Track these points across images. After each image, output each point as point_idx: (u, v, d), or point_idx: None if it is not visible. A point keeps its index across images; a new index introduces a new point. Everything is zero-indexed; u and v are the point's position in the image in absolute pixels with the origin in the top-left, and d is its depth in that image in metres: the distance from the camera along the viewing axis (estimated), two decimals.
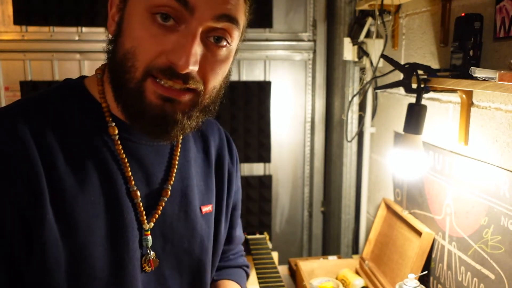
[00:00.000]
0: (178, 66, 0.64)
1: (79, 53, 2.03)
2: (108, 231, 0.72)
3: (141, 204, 0.76)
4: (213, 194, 0.90)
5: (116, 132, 0.74)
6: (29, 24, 1.97)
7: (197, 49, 0.65)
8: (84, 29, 2.02)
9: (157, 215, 0.79)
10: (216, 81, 0.71)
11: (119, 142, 0.74)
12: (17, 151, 0.64)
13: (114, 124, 0.74)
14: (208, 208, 0.88)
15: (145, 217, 0.77)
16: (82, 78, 0.79)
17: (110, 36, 0.71)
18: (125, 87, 0.68)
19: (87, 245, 0.69)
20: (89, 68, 2.05)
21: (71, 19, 1.98)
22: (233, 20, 0.67)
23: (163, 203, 0.80)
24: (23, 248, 0.66)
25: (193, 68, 0.65)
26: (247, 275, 1.10)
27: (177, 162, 0.83)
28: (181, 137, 0.83)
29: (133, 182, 0.75)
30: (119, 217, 0.73)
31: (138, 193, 0.76)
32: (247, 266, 1.11)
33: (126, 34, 0.67)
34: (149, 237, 0.78)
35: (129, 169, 0.75)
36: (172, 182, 0.81)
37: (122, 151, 0.74)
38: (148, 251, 0.78)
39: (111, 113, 0.75)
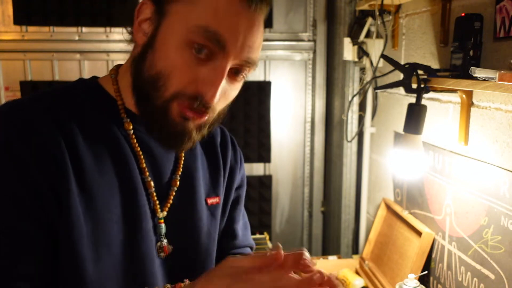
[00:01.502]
0: (206, 98, 0.72)
1: (79, 53, 2.03)
2: (123, 211, 0.77)
3: (154, 194, 0.82)
4: (221, 187, 0.95)
5: (131, 127, 0.80)
6: (29, 24, 1.97)
7: (224, 84, 0.74)
8: (84, 29, 2.02)
9: (169, 204, 0.84)
10: (225, 104, 0.80)
11: (133, 136, 0.80)
12: (43, 133, 0.71)
13: (129, 120, 0.80)
14: (214, 200, 0.93)
15: (158, 206, 0.83)
16: (95, 78, 0.85)
17: (138, 46, 0.75)
18: (151, 103, 0.74)
19: (105, 221, 0.74)
20: (89, 68, 2.05)
21: (71, 19, 1.98)
22: (254, 61, 0.76)
23: (173, 193, 0.85)
24: (56, 217, 0.71)
25: (218, 100, 0.74)
26: None
27: (183, 154, 0.88)
28: None
29: (147, 173, 0.81)
30: (134, 201, 0.79)
31: (152, 183, 0.82)
32: None
33: (160, 55, 0.73)
34: (163, 225, 0.83)
35: (143, 160, 0.80)
36: (180, 173, 0.87)
37: (137, 145, 0.80)
38: (162, 238, 0.83)
39: (126, 109, 0.80)
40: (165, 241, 0.83)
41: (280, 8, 2.13)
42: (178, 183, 0.86)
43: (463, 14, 1.11)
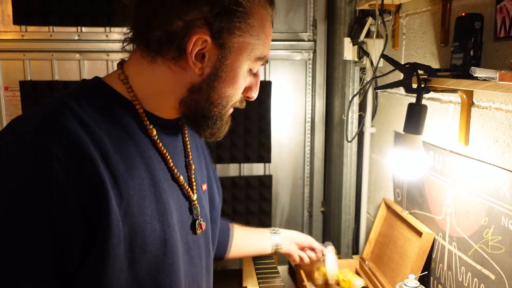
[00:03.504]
0: (251, 99, 0.92)
1: (78, 53, 2.03)
2: (154, 212, 0.83)
3: (185, 184, 0.92)
4: (205, 174, 1.07)
5: (155, 133, 0.86)
6: (29, 24, 1.97)
7: None
8: (84, 29, 2.01)
9: (195, 186, 0.96)
10: None
11: (158, 141, 0.87)
12: (77, 148, 0.73)
13: (152, 126, 0.86)
14: (205, 186, 1.04)
15: (190, 192, 0.94)
16: (100, 79, 0.87)
17: (197, 72, 0.82)
18: (210, 119, 0.87)
19: (140, 224, 0.80)
20: (88, 68, 2.05)
21: (71, 19, 1.98)
22: None
23: (193, 175, 0.96)
24: (80, 245, 0.74)
25: None
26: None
27: (187, 139, 0.98)
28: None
29: (175, 170, 0.90)
30: (162, 199, 0.85)
31: (181, 177, 0.91)
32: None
33: (229, 83, 0.85)
34: (198, 206, 0.96)
35: (170, 161, 0.89)
36: (190, 156, 0.97)
37: (163, 148, 0.87)
38: (198, 216, 0.96)
39: (146, 112, 0.86)
40: (200, 218, 0.96)
41: (280, 8, 2.12)
42: (193, 166, 0.97)
43: (463, 14, 1.11)
